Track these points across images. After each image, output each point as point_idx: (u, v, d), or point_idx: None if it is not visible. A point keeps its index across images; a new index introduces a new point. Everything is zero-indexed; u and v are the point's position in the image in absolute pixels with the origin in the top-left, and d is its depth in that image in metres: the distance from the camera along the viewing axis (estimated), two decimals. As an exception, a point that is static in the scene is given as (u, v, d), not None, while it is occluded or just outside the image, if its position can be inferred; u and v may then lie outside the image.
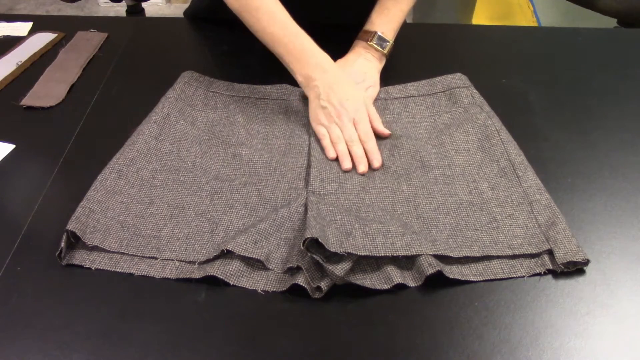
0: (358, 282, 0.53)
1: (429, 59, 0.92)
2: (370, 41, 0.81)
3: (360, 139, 0.69)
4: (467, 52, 0.95)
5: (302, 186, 0.64)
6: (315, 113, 0.72)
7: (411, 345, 0.49)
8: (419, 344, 0.49)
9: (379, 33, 0.81)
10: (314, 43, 0.74)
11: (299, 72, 0.74)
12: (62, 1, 1.61)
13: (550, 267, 0.55)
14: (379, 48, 0.81)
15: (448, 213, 0.61)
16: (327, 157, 0.68)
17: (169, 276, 0.55)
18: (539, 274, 0.55)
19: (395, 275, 0.54)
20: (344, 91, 0.72)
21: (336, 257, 0.54)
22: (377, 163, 0.67)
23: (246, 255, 0.54)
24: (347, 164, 0.67)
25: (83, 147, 0.71)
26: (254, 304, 0.53)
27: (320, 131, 0.71)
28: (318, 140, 0.71)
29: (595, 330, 0.51)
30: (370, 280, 0.54)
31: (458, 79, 0.80)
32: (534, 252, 0.56)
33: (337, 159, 0.68)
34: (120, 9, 2.71)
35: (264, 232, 0.57)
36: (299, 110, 0.77)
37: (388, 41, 0.82)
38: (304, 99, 0.78)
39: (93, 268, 0.55)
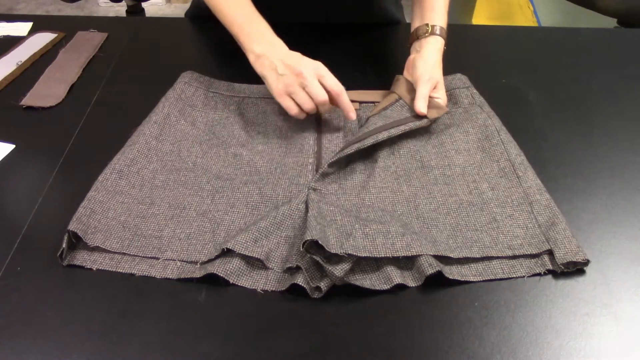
0: (357, 283, 0.53)
1: (429, 59, 0.91)
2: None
3: (332, 93, 0.68)
4: (467, 52, 0.95)
5: (303, 183, 0.64)
6: (276, 85, 0.70)
7: (411, 345, 0.49)
8: (419, 344, 0.49)
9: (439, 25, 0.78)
10: (268, 27, 0.74)
11: (250, 50, 0.73)
12: (62, 1, 1.61)
13: (550, 267, 0.55)
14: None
15: (448, 213, 0.61)
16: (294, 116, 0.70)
17: (170, 276, 0.55)
18: (539, 274, 0.55)
19: (395, 276, 0.54)
20: (297, 57, 0.70)
21: (336, 258, 0.54)
22: (353, 115, 0.70)
23: (246, 253, 0.54)
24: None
25: (83, 147, 0.71)
26: (254, 304, 0.53)
27: (286, 104, 0.70)
28: (319, 142, 0.71)
29: (595, 330, 0.51)
30: (370, 281, 0.54)
31: (458, 79, 0.79)
32: (534, 252, 0.56)
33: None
34: (120, 9, 2.71)
35: (264, 231, 0.57)
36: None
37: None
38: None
39: (94, 268, 0.55)
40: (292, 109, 0.70)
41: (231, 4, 0.76)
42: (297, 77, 0.68)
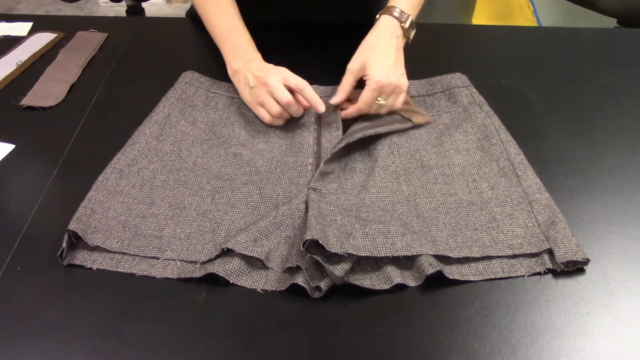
0: (357, 283, 0.53)
1: (429, 59, 0.92)
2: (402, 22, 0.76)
3: (297, 90, 0.71)
4: (467, 52, 0.95)
5: (302, 182, 0.64)
6: (250, 97, 0.74)
7: (411, 345, 0.49)
8: (419, 344, 0.49)
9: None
10: (250, 41, 0.78)
11: (229, 64, 0.78)
12: (62, 1, 1.61)
13: (550, 266, 0.55)
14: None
15: (448, 212, 0.61)
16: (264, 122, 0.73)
17: (171, 276, 0.55)
18: (539, 274, 0.55)
19: (395, 276, 0.54)
20: (266, 68, 0.73)
21: (336, 257, 0.54)
22: (322, 108, 0.71)
23: (246, 253, 0.54)
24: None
25: (83, 147, 0.71)
26: (254, 304, 0.53)
27: (261, 114, 0.73)
28: (319, 142, 0.71)
29: (595, 330, 0.51)
30: (370, 281, 0.54)
31: (458, 79, 0.79)
32: (534, 251, 0.56)
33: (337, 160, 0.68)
34: (120, 9, 2.71)
35: (264, 230, 0.57)
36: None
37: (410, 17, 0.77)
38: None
39: (94, 268, 0.55)
40: (265, 117, 0.73)
41: (218, 15, 0.80)
42: (264, 86, 0.71)
